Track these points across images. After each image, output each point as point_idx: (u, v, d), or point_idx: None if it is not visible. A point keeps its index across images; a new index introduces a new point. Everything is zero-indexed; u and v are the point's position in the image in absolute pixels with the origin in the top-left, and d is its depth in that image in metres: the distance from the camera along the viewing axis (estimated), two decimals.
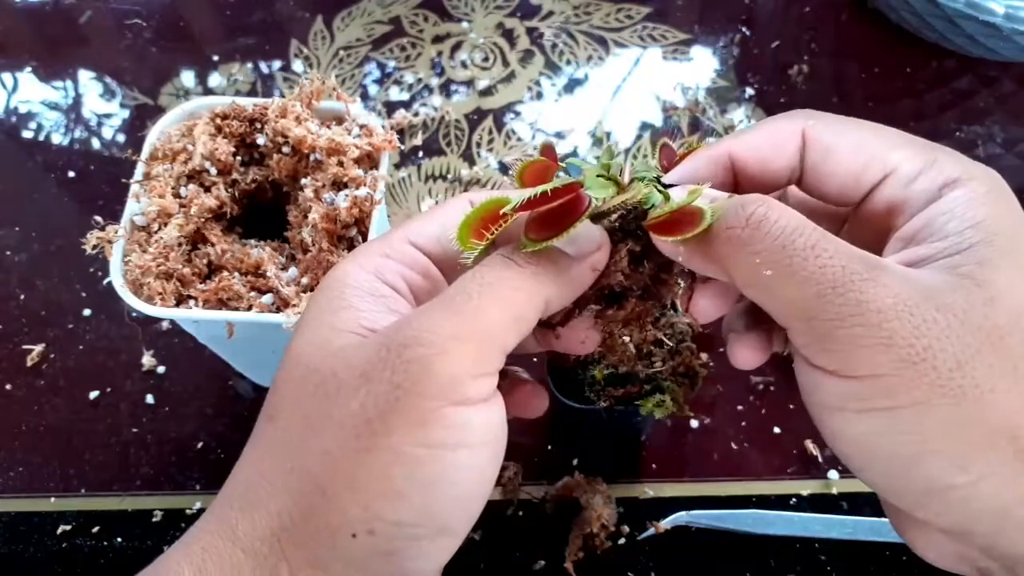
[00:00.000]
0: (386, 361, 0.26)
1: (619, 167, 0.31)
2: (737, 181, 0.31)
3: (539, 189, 0.27)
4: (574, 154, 0.68)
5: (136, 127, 0.69)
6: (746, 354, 0.31)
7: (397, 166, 0.67)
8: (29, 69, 0.73)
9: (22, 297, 0.60)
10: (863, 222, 0.30)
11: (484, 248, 0.28)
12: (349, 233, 0.45)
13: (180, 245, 0.45)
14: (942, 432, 0.24)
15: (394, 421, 0.25)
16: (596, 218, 0.30)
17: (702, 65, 0.73)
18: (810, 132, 0.29)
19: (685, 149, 0.32)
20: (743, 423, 0.55)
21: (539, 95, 0.71)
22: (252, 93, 0.71)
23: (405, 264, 0.30)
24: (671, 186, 0.31)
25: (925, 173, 0.28)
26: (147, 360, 0.57)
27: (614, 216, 0.30)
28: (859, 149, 0.29)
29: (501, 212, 0.27)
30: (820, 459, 0.54)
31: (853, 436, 0.25)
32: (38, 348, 0.58)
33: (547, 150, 0.34)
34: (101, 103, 0.71)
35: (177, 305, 0.44)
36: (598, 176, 0.30)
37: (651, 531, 0.50)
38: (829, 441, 0.27)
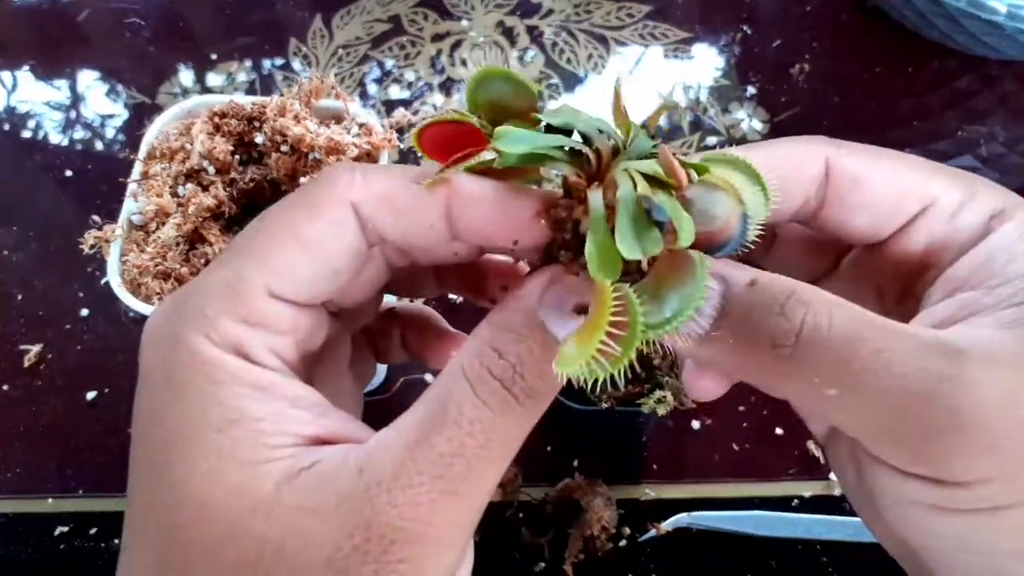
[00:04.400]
0: (366, 554, 0.20)
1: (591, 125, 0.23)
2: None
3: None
4: None
5: (134, 126, 0.69)
6: (707, 384, 0.26)
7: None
8: (27, 68, 0.73)
9: (20, 297, 0.60)
10: (888, 261, 0.27)
11: (442, 172, 0.21)
12: None
13: (178, 244, 0.45)
14: None
15: None
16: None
17: (703, 64, 0.73)
18: (835, 160, 0.26)
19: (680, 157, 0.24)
20: (744, 424, 0.55)
21: (539, 94, 0.71)
22: (251, 92, 0.71)
23: (268, 328, 0.23)
24: None
25: (968, 205, 0.25)
26: None
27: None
28: (893, 179, 0.25)
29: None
30: (822, 460, 0.53)
31: (942, 535, 0.22)
32: (36, 348, 0.58)
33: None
34: (99, 102, 0.71)
35: None
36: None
37: (652, 533, 0.50)
38: (894, 536, 0.24)
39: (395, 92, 0.71)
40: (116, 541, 0.51)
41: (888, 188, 0.25)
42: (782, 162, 0.26)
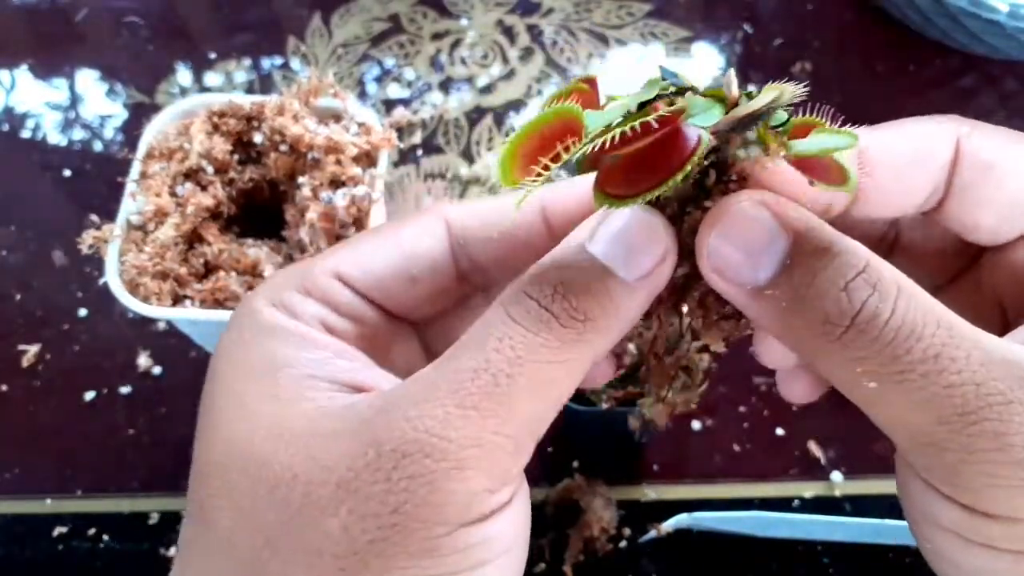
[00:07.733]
0: (377, 471, 0.19)
1: (727, 83, 0.22)
2: (858, 196, 0.23)
3: (628, 109, 0.19)
4: None
5: (133, 125, 0.69)
6: (802, 388, 0.24)
7: (396, 164, 0.67)
8: (25, 67, 0.73)
9: (18, 297, 0.60)
10: (1014, 268, 0.24)
11: (539, 186, 0.18)
12: (347, 232, 0.45)
13: (176, 244, 0.45)
14: None
15: (393, 551, 0.19)
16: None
17: (704, 63, 0.73)
18: (966, 142, 0.22)
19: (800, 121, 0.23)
20: (745, 424, 0.54)
21: (539, 92, 0.71)
22: (250, 91, 0.71)
23: (327, 304, 0.24)
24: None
25: None
26: (143, 361, 0.57)
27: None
28: None
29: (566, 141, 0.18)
30: (823, 461, 0.53)
31: (967, 566, 0.20)
32: (34, 349, 0.57)
33: (589, 82, 0.24)
34: (98, 102, 0.71)
35: (173, 305, 0.44)
36: (703, 95, 0.21)
37: (652, 533, 0.50)
38: (924, 550, 0.22)
39: (394, 91, 0.71)
40: (115, 542, 0.51)
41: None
42: (905, 149, 0.23)
